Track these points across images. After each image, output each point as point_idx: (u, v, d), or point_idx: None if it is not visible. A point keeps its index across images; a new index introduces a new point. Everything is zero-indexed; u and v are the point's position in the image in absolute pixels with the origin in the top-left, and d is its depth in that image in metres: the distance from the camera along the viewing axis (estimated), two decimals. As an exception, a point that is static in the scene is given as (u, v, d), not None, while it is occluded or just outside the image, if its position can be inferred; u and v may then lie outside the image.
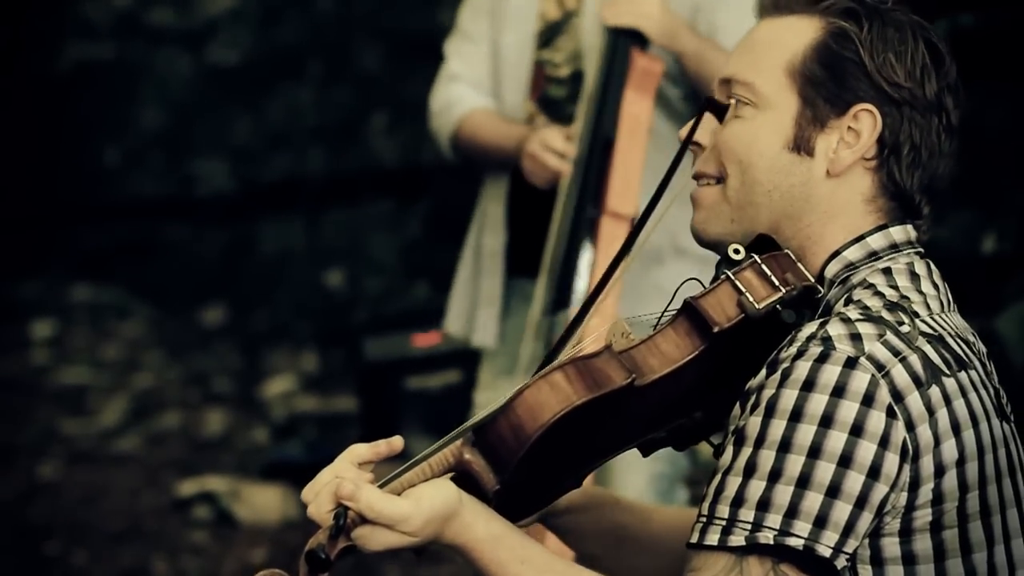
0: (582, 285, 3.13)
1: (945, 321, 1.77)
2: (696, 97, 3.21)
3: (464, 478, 1.64)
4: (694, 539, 1.68)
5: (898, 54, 1.78)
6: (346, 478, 1.65)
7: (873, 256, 1.79)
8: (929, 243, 1.85)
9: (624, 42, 3.12)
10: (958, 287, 1.85)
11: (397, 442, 1.70)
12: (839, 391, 1.64)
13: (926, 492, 1.67)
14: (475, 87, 3.39)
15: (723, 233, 1.82)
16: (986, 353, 1.83)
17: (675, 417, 1.81)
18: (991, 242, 4.39)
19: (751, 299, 1.71)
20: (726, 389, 1.77)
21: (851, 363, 1.65)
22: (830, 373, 1.65)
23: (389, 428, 5.36)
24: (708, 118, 1.86)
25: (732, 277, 1.73)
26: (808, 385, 1.65)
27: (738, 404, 1.72)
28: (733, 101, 1.83)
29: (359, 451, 1.69)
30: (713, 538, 1.65)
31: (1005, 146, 4.57)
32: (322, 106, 7.88)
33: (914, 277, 1.79)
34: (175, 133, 8.43)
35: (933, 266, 1.83)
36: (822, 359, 1.66)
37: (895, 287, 1.76)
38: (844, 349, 1.66)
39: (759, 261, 1.75)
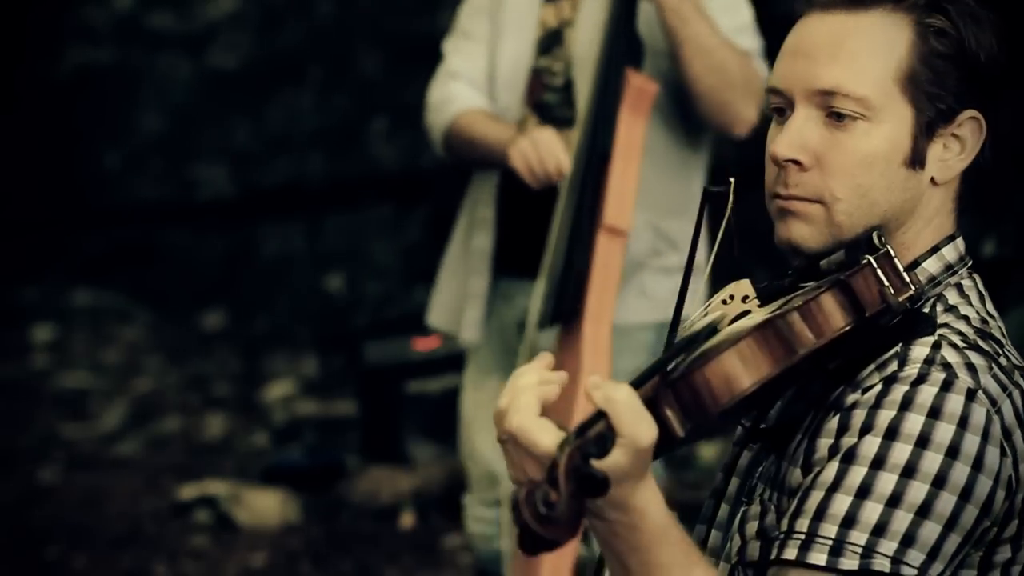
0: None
1: (1011, 347, 1.73)
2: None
3: (654, 417, 1.54)
4: (790, 555, 1.59)
5: (982, 44, 1.69)
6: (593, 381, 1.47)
7: (948, 270, 1.73)
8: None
9: (619, 60, 3.13)
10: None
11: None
12: (963, 422, 1.58)
13: (1011, 528, 1.64)
14: (474, 86, 3.39)
15: (823, 249, 1.70)
16: None
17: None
18: (991, 246, 4.40)
19: (891, 290, 1.63)
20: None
21: (971, 395, 1.60)
22: (955, 403, 1.59)
23: (389, 432, 5.36)
24: (799, 125, 1.69)
25: (874, 264, 1.64)
26: (935, 412, 1.58)
27: (836, 419, 1.63)
28: (838, 115, 1.67)
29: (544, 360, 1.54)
30: (819, 558, 1.57)
31: (1005, 151, 4.56)
32: (322, 110, 7.88)
33: (982, 298, 1.74)
34: (175, 137, 8.43)
35: None
36: (946, 387, 1.59)
37: (971, 305, 1.71)
38: (965, 379, 1.60)
39: (892, 254, 1.66)
